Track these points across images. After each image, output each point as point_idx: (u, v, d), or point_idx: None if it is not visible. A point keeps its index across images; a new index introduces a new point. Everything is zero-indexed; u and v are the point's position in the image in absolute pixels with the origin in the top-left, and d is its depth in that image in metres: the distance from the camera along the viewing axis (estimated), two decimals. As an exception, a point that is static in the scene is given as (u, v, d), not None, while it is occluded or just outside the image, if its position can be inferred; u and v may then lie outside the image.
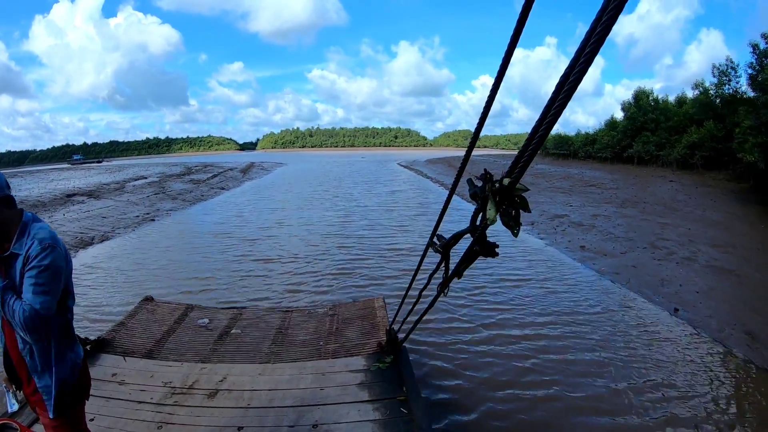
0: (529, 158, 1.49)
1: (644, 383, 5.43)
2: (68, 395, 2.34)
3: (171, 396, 3.95)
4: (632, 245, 12.01)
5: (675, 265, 10.09)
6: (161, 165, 59.34)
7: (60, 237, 2.32)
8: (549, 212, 17.40)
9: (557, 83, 1.32)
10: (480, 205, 1.71)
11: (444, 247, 2.40)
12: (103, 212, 19.25)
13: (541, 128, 1.40)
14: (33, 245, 2.16)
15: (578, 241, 12.95)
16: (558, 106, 1.33)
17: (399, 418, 3.53)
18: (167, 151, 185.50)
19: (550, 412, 5.01)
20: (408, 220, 17.95)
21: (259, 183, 38.35)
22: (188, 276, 10.35)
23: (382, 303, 5.89)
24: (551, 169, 38.81)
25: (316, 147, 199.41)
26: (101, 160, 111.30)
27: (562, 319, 7.45)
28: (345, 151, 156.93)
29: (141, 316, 5.79)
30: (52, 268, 2.16)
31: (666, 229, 13.61)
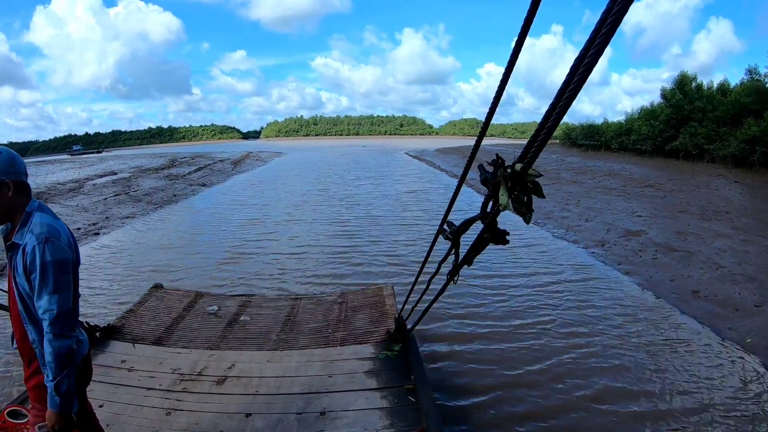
0: (541, 144, 1.45)
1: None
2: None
3: (180, 383, 3.97)
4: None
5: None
6: (149, 156, 55.28)
7: (65, 225, 2.28)
8: (617, 226, 12.88)
9: (572, 66, 1.27)
10: (491, 191, 1.68)
11: (454, 234, 2.36)
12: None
13: (555, 113, 1.36)
14: (29, 240, 2.11)
15: (683, 280, 8.41)
16: (572, 89, 1.28)
17: (407, 407, 3.51)
18: (169, 140, 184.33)
19: (565, 401, 4.99)
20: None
21: (248, 177, 33.28)
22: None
23: (391, 291, 5.87)
24: (588, 163, 32.45)
25: (321, 135, 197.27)
26: (101, 151, 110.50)
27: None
28: (349, 139, 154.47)
29: (150, 303, 5.81)
30: (55, 261, 2.09)
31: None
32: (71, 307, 2.16)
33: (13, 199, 2.16)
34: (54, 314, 2.05)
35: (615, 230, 12.54)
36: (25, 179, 2.23)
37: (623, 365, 5.60)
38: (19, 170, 2.18)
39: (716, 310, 7.07)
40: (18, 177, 2.17)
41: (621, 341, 6.21)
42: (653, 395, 4.98)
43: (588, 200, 17.51)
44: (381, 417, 3.41)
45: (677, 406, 4.78)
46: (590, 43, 1.20)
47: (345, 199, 20.96)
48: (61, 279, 2.10)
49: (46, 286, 2.06)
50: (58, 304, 2.06)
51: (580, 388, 5.17)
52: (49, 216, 2.21)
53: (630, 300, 7.73)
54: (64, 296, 2.09)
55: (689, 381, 5.23)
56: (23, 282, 2.12)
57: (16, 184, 2.16)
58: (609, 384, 5.20)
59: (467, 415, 4.80)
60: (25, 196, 2.22)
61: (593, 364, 5.64)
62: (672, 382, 5.21)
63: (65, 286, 2.12)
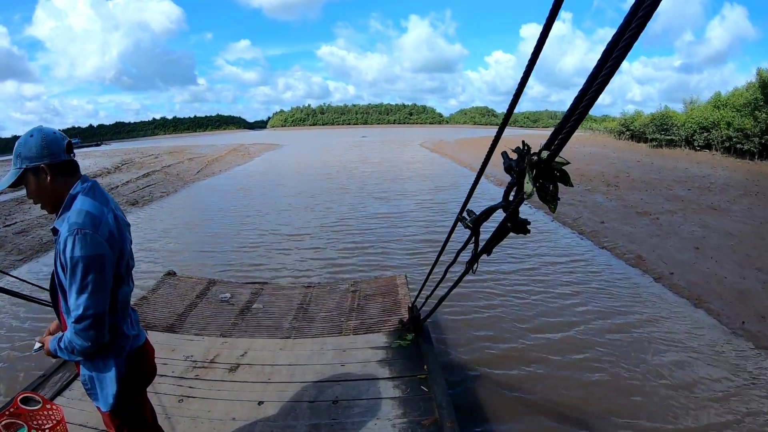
0: (569, 131, 1.39)
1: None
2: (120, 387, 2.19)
3: (192, 370, 3.97)
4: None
5: None
6: (112, 154, 46.53)
7: (108, 211, 2.04)
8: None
9: (604, 50, 1.21)
10: (515, 179, 1.63)
11: (474, 222, 2.31)
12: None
13: (585, 98, 1.29)
14: (63, 229, 1.91)
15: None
16: (605, 74, 1.22)
17: (419, 397, 3.49)
18: (173, 131, 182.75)
19: (584, 391, 4.95)
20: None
21: (208, 185, 23.57)
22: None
23: (405, 280, 5.84)
24: (682, 167, 23.10)
25: (328, 125, 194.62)
26: (100, 143, 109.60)
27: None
28: (357, 129, 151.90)
29: (163, 290, 5.83)
30: (85, 257, 1.87)
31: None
32: (102, 311, 1.96)
33: (55, 183, 1.99)
34: (78, 315, 1.89)
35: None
36: (66, 157, 2.02)
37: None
38: (55, 150, 1.97)
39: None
40: (56, 158, 1.97)
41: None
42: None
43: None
44: (393, 406, 3.39)
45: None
46: (626, 26, 1.14)
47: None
48: (92, 278, 1.89)
49: (75, 283, 1.88)
50: (85, 306, 1.89)
51: (596, 376, 5.14)
52: (92, 201, 2.00)
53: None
54: (94, 297, 1.91)
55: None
56: (59, 269, 1.97)
57: (55, 166, 1.98)
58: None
59: (480, 405, 4.79)
60: (70, 176, 2.04)
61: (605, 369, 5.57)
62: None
63: (97, 286, 1.91)
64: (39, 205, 2.09)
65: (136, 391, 2.30)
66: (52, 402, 2.98)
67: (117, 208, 2.16)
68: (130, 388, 2.23)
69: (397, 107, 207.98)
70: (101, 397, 2.17)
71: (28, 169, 1.94)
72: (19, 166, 1.94)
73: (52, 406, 2.89)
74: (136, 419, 2.34)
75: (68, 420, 3.01)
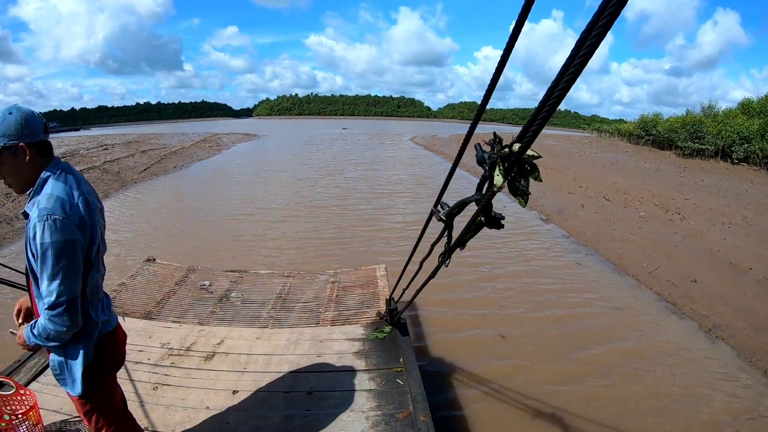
0: (540, 124, 1.39)
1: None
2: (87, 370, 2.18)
3: (168, 357, 3.95)
4: None
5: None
6: (62, 145, 33.01)
7: (79, 196, 2.00)
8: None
9: (576, 42, 1.22)
10: (487, 171, 1.62)
11: (448, 215, 2.30)
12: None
13: (557, 89, 1.30)
14: (33, 214, 1.90)
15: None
16: (576, 65, 1.23)
17: (394, 389, 3.51)
18: (158, 117, 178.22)
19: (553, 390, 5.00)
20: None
21: (143, 190, 17.84)
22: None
23: (384, 272, 5.85)
24: (740, 188, 18.72)
25: (315, 115, 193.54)
26: (78, 128, 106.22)
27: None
28: (344, 119, 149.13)
29: (142, 276, 5.78)
30: (56, 243, 1.85)
31: None
32: (75, 296, 1.94)
33: (32, 163, 1.97)
34: (52, 301, 1.89)
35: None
36: (44, 138, 2.00)
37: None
38: (34, 129, 1.95)
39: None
40: (35, 137, 1.95)
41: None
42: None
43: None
44: (368, 398, 3.40)
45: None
46: (597, 17, 1.14)
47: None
48: (64, 263, 1.87)
49: (47, 269, 1.87)
50: (58, 292, 1.88)
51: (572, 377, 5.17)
52: (63, 185, 1.98)
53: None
54: (66, 283, 1.89)
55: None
56: (29, 255, 1.96)
57: (34, 146, 1.95)
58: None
59: (455, 399, 4.82)
60: (45, 157, 2.02)
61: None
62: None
63: (69, 271, 1.89)
64: (8, 185, 2.05)
65: (105, 377, 2.31)
66: (26, 387, 2.97)
67: (90, 192, 2.13)
68: (99, 373, 2.23)
69: (385, 99, 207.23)
70: (70, 382, 2.17)
71: (6, 147, 1.90)
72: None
73: (26, 391, 2.88)
74: (105, 405, 2.35)
75: (42, 405, 3.01)
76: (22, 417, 2.63)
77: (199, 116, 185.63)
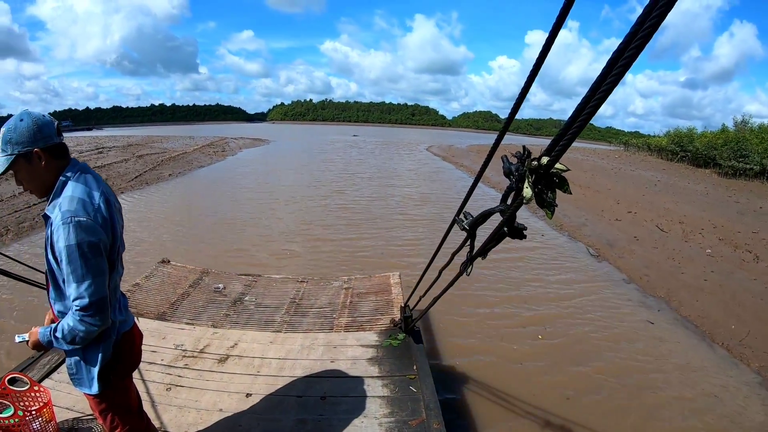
0: (570, 139, 1.39)
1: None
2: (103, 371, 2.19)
3: (181, 359, 3.96)
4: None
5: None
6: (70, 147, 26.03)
7: (99, 196, 2.00)
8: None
9: (609, 58, 1.21)
10: (514, 183, 1.63)
11: (471, 225, 2.31)
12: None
13: (589, 105, 1.30)
14: (55, 217, 1.89)
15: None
16: (609, 83, 1.22)
17: (407, 397, 3.49)
18: (171, 119, 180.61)
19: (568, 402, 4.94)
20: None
21: (128, 199, 15.40)
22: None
23: (398, 279, 5.83)
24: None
25: (328, 120, 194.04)
26: (91, 128, 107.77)
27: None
28: (358, 126, 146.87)
29: (156, 278, 5.81)
30: (81, 245, 1.84)
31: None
32: (105, 294, 1.95)
33: (49, 168, 1.96)
34: (85, 303, 1.88)
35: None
36: (58, 140, 1.99)
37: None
38: (47, 133, 1.93)
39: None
40: (48, 141, 1.94)
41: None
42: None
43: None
44: (381, 405, 3.39)
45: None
46: (631, 37, 1.14)
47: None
48: (92, 263, 1.87)
49: (74, 271, 1.85)
50: (89, 292, 1.87)
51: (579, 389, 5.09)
52: (83, 186, 1.97)
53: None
54: (96, 283, 1.89)
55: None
56: (50, 257, 1.95)
57: (48, 150, 1.95)
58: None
59: (468, 408, 4.79)
60: (61, 160, 2.01)
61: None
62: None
63: (97, 271, 1.90)
64: (28, 191, 2.06)
65: (121, 376, 2.31)
66: (40, 384, 2.98)
67: (109, 191, 2.13)
68: (116, 372, 2.24)
69: (400, 107, 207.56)
70: (87, 381, 2.18)
71: (21, 155, 1.90)
72: (11, 152, 1.89)
73: (39, 388, 2.89)
74: (121, 404, 2.35)
75: (55, 403, 3.02)
76: (36, 413, 2.64)
77: (212, 119, 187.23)
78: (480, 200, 15.98)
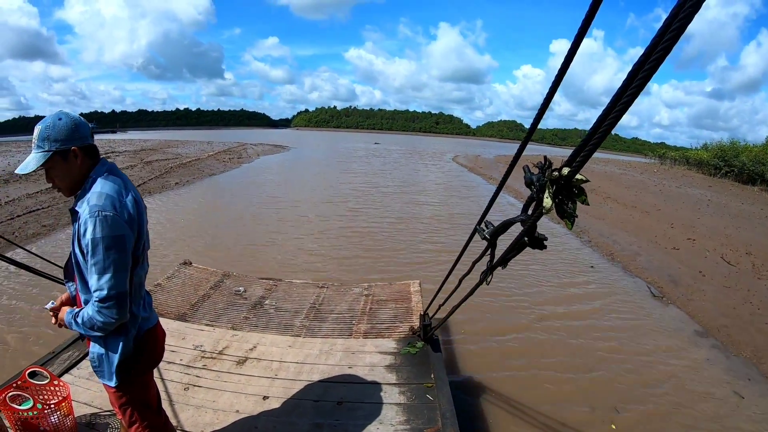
0: (591, 149, 1.39)
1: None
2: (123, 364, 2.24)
3: (200, 359, 4.00)
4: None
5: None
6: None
7: (126, 194, 2.09)
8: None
9: (631, 69, 1.21)
10: (535, 193, 1.63)
11: (492, 234, 2.32)
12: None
13: (609, 117, 1.30)
14: (83, 211, 1.96)
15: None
16: (630, 94, 1.22)
17: (424, 405, 3.47)
18: (196, 123, 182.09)
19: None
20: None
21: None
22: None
23: (418, 287, 5.80)
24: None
25: (352, 128, 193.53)
26: (115, 131, 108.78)
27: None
28: (382, 134, 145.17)
29: (178, 279, 5.88)
30: (106, 238, 1.91)
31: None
32: (126, 289, 2.01)
33: (83, 166, 2.05)
34: (104, 295, 1.94)
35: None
36: (92, 141, 2.10)
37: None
38: (84, 133, 2.04)
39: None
40: (84, 141, 2.04)
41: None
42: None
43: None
44: (398, 412, 3.37)
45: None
46: (653, 47, 1.13)
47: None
48: (114, 257, 1.94)
49: (96, 264, 1.92)
50: (109, 286, 1.94)
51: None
52: (111, 184, 2.06)
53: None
54: (117, 276, 1.95)
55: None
56: (77, 251, 2.03)
57: (83, 149, 2.04)
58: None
59: (485, 418, 4.76)
60: (92, 159, 2.10)
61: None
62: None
63: (119, 265, 1.96)
64: (56, 189, 2.12)
65: (142, 371, 2.35)
66: (59, 378, 3.03)
67: (135, 191, 2.20)
68: (137, 368, 2.28)
69: (424, 115, 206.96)
70: (108, 374, 2.22)
71: (57, 152, 1.97)
72: (48, 149, 1.96)
73: (59, 382, 2.94)
74: (140, 400, 2.39)
75: (74, 398, 3.06)
76: (54, 407, 2.68)
77: (237, 125, 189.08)
78: (502, 209, 15.58)
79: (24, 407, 2.57)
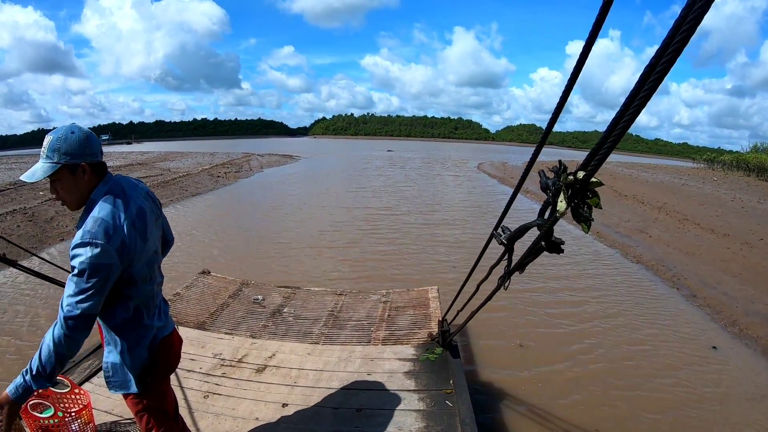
0: (606, 152, 1.38)
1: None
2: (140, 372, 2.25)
3: (219, 367, 4.02)
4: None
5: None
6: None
7: (125, 219, 2.03)
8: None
9: (644, 70, 1.19)
10: (551, 198, 1.62)
11: (509, 239, 2.31)
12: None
13: (623, 120, 1.29)
14: (77, 234, 1.93)
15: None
16: (644, 95, 1.20)
17: (443, 411, 3.44)
18: (213, 133, 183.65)
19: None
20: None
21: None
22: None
23: (436, 293, 5.78)
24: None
25: (370, 135, 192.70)
26: (131, 141, 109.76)
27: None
28: (399, 141, 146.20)
29: (197, 288, 5.93)
30: (92, 266, 1.88)
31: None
32: (96, 312, 1.97)
33: (89, 181, 2.02)
34: (75, 314, 1.90)
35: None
36: (101, 158, 2.07)
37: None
38: (95, 150, 2.01)
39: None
40: (94, 158, 2.01)
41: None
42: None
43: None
44: (417, 419, 3.35)
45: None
46: (664, 47, 1.12)
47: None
48: (96, 283, 1.91)
49: (76, 284, 1.90)
50: (83, 306, 1.90)
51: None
52: (110, 207, 2.00)
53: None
54: (92, 299, 1.92)
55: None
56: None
57: (93, 166, 2.02)
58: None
59: (504, 425, 4.72)
60: (100, 176, 2.07)
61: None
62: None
63: (98, 291, 1.92)
64: (59, 201, 2.09)
65: (159, 378, 2.36)
66: (80, 387, 3.05)
67: (141, 199, 2.19)
68: (154, 375, 2.30)
69: (442, 120, 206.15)
70: (124, 383, 2.24)
71: (66, 166, 1.94)
72: (57, 161, 1.93)
73: (80, 390, 2.96)
74: (157, 406, 2.40)
75: (95, 406, 3.09)
76: (75, 415, 2.70)
77: (255, 134, 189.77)
78: (521, 213, 14.49)
79: (45, 415, 2.59)
